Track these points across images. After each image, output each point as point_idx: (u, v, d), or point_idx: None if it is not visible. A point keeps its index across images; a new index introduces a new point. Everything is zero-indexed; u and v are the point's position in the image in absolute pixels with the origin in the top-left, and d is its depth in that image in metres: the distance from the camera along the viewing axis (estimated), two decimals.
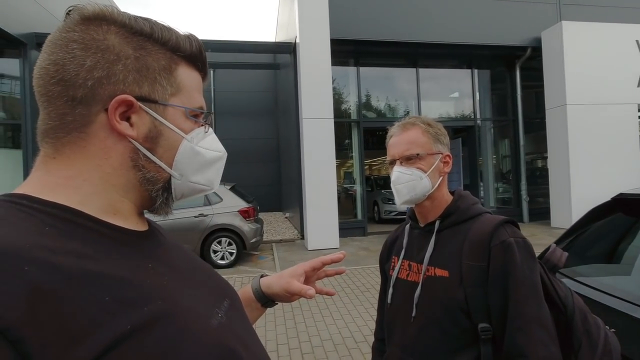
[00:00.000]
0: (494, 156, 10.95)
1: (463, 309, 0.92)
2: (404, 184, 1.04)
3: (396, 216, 10.49)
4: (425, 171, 1.03)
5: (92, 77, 0.46)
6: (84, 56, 0.45)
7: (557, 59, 8.67)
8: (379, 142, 13.79)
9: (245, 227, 6.64)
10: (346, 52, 8.93)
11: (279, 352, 3.34)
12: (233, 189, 7.00)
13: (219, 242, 6.59)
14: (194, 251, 1.45)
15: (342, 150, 9.38)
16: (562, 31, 8.54)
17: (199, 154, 0.55)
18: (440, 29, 8.83)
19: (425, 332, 0.98)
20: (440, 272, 0.99)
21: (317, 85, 7.66)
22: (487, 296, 0.91)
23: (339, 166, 9.58)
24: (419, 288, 1.01)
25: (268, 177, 14.90)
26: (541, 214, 9.70)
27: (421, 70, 9.89)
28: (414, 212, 1.14)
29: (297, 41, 7.84)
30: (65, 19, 0.48)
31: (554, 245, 1.10)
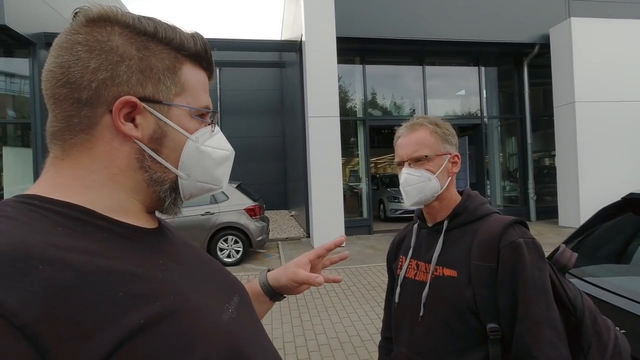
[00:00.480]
0: (501, 154, 10.85)
1: (471, 309, 0.92)
2: (412, 185, 1.03)
3: (402, 215, 10.46)
4: (433, 172, 1.03)
5: (97, 79, 0.46)
6: (88, 58, 0.46)
7: (566, 56, 8.56)
8: (384, 140, 13.79)
9: (252, 225, 6.67)
10: (352, 50, 8.89)
11: (286, 349, 3.35)
12: (239, 187, 7.03)
13: (225, 240, 6.62)
14: None
15: (347, 148, 9.35)
16: (570, 28, 8.42)
17: (205, 153, 0.55)
18: (447, 26, 8.76)
19: (433, 332, 0.98)
20: (448, 272, 0.99)
21: (323, 83, 7.64)
22: (496, 296, 0.91)
23: (344, 164, 9.57)
24: (426, 288, 1.01)
25: (274, 175, 14.93)
26: (549, 212, 9.61)
27: (427, 68, 9.82)
28: (422, 212, 1.13)
29: (303, 39, 7.83)
30: (72, 22, 0.48)
31: (563, 246, 1.09)
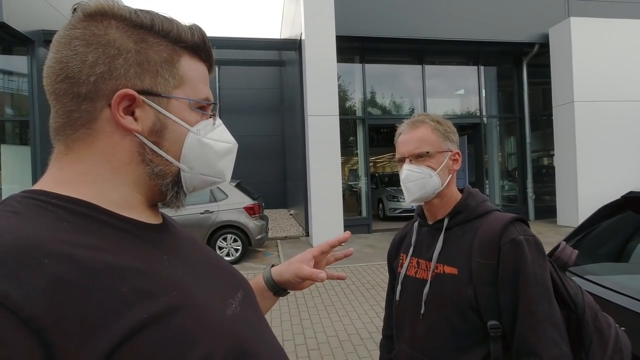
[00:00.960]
0: (500, 154, 10.87)
1: (472, 307, 0.92)
2: (413, 182, 1.03)
3: (401, 214, 10.48)
4: (435, 169, 1.03)
5: (94, 73, 0.46)
6: (85, 52, 0.46)
7: (565, 55, 8.57)
8: (384, 139, 13.77)
9: (251, 223, 6.66)
10: (352, 48, 8.89)
11: (286, 348, 3.35)
12: (238, 186, 7.02)
13: (225, 239, 6.62)
14: None
15: (347, 147, 9.35)
16: (570, 27, 8.43)
17: (207, 145, 0.54)
18: (447, 26, 8.76)
19: (435, 330, 0.98)
20: (449, 269, 0.99)
21: (323, 82, 7.64)
22: (497, 294, 0.91)
23: (343, 163, 9.57)
24: (427, 285, 1.01)
25: (273, 174, 14.93)
26: (547, 212, 9.64)
27: (427, 67, 9.82)
28: (422, 210, 1.13)
29: (303, 38, 7.82)
30: (71, 17, 0.49)
31: (563, 243, 1.09)
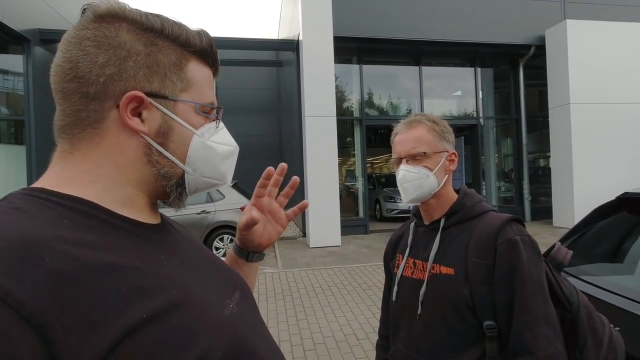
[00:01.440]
0: (497, 155, 10.93)
1: (469, 306, 0.93)
2: (410, 182, 1.03)
3: (398, 214, 10.50)
4: (431, 169, 1.03)
5: (104, 74, 0.47)
6: (96, 53, 0.47)
7: (561, 57, 8.63)
8: (381, 140, 13.79)
9: None
10: (349, 49, 8.91)
11: (282, 348, 3.32)
12: (235, 186, 7.02)
13: (221, 239, 6.61)
14: None
15: (344, 148, 9.37)
16: (566, 29, 8.50)
17: (211, 148, 0.56)
18: (444, 27, 8.80)
19: (431, 330, 0.98)
20: (445, 269, 0.99)
21: (320, 82, 7.65)
22: (493, 294, 0.91)
23: (341, 164, 9.59)
24: (424, 285, 1.01)
25: None
26: (543, 213, 9.69)
27: (424, 68, 9.87)
28: (418, 210, 1.14)
29: (300, 38, 7.83)
30: (80, 18, 0.49)
31: (558, 244, 1.10)
